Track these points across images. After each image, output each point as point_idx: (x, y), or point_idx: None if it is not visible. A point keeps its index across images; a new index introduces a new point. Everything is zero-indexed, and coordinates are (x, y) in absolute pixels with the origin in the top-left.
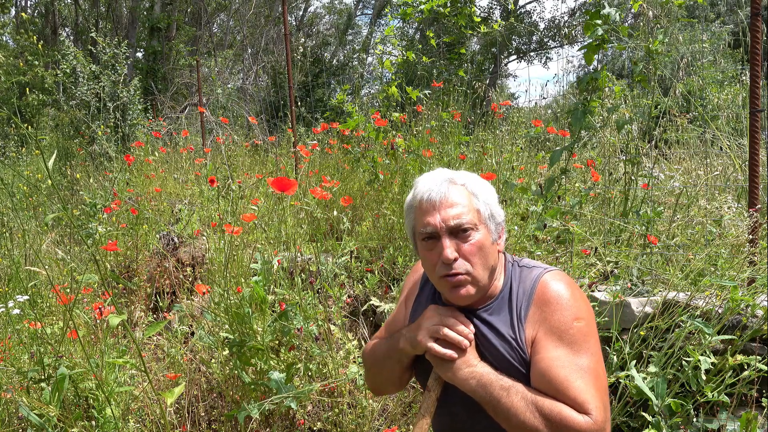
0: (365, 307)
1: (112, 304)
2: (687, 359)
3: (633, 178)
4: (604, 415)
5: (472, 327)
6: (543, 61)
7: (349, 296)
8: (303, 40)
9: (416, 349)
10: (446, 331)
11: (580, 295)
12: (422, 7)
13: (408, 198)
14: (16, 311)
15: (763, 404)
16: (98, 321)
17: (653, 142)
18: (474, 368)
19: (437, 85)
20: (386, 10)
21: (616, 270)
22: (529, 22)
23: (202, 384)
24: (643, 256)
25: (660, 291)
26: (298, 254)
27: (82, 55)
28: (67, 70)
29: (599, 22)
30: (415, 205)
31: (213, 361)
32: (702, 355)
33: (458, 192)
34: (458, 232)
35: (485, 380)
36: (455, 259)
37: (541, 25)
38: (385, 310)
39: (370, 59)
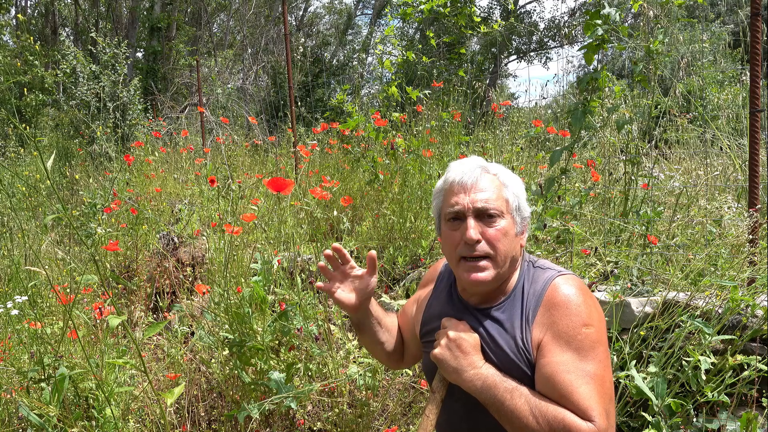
0: None
1: (112, 304)
2: (687, 359)
3: (633, 178)
4: (608, 422)
5: (476, 336)
6: (543, 61)
7: None
8: (303, 40)
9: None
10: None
11: (591, 302)
12: (422, 7)
13: (438, 183)
14: (15, 312)
15: (763, 404)
16: (98, 321)
17: (653, 142)
18: (479, 370)
19: (437, 85)
20: (386, 10)
21: (616, 270)
22: (529, 22)
23: (202, 384)
24: (643, 256)
25: (660, 291)
26: (298, 254)
27: (82, 55)
28: (67, 70)
29: (599, 22)
30: (445, 188)
31: (213, 361)
32: (702, 355)
33: (489, 180)
34: (484, 216)
35: (490, 382)
36: (478, 241)
37: (541, 25)
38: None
39: (370, 59)
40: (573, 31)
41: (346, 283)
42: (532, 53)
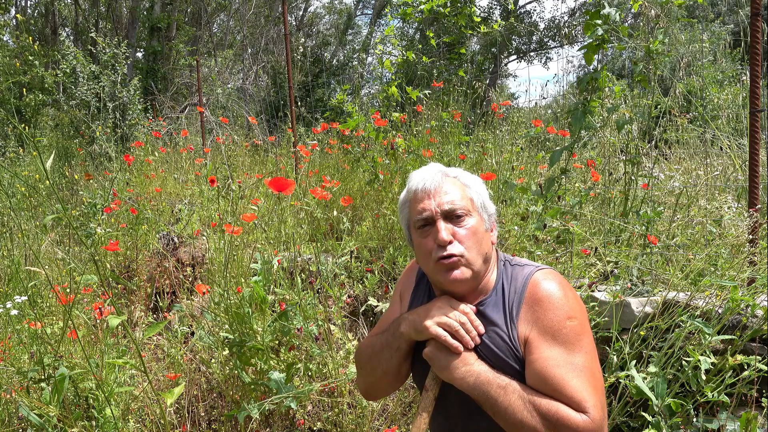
0: (364, 307)
1: (112, 304)
2: (687, 359)
3: (633, 178)
4: (602, 413)
5: (482, 329)
6: (543, 61)
7: (349, 296)
8: (303, 40)
9: (420, 334)
10: (458, 327)
11: (572, 294)
12: (422, 7)
13: (402, 195)
14: (15, 312)
15: (763, 404)
16: (98, 321)
17: (653, 142)
18: (471, 366)
19: (437, 85)
20: (386, 10)
21: (616, 270)
22: (529, 22)
23: (202, 384)
24: (643, 256)
25: (660, 291)
26: (298, 254)
27: (82, 55)
28: (67, 70)
29: (599, 22)
30: (410, 198)
31: (213, 361)
32: (702, 355)
33: (451, 182)
34: (452, 217)
35: (482, 379)
36: (450, 242)
37: (541, 25)
38: (383, 310)
39: (370, 59)
40: (573, 31)
41: None
42: (532, 53)
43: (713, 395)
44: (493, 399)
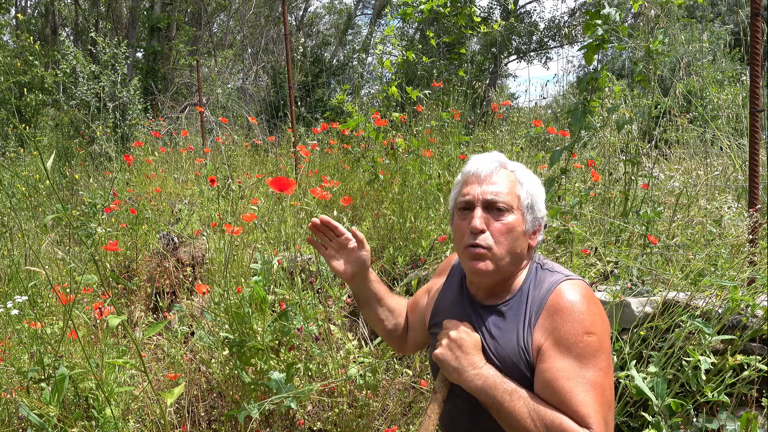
0: None
1: (112, 304)
2: (687, 359)
3: (633, 178)
4: (605, 430)
5: (477, 336)
6: (543, 61)
7: (349, 296)
8: (303, 40)
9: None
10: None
11: (596, 309)
12: (422, 7)
13: (458, 176)
14: (15, 312)
15: (763, 404)
16: (98, 321)
17: (653, 142)
18: (480, 370)
19: (437, 85)
20: (386, 10)
21: (616, 270)
22: (529, 22)
23: (202, 384)
24: (643, 256)
25: (660, 291)
26: (298, 254)
27: (82, 55)
28: (67, 70)
29: (599, 22)
30: (462, 179)
31: (213, 361)
32: (702, 355)
33: (505, 175)
34: (493, 209)
35: (490, 382)
36: (482, 231)
37: (541, 25)
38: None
39: (370, 59)
40: (573, 31)
41: (342, 253)
42: (532, 53)
43: (713, 395)
44: (498, 403)
